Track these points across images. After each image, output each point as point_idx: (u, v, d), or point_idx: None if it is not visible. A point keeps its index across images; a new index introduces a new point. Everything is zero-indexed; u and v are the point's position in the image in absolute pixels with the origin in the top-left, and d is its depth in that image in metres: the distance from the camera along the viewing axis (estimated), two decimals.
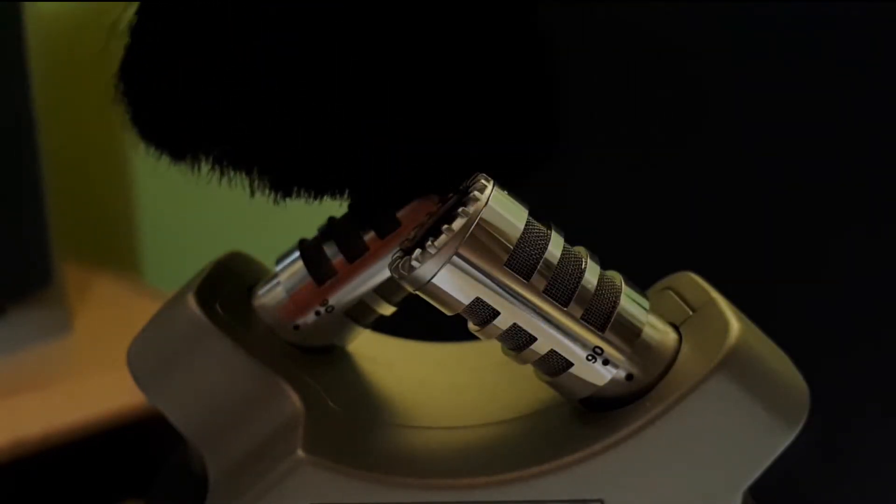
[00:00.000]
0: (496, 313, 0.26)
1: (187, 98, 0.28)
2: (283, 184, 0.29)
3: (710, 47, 0.54)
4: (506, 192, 0.26)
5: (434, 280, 0.26)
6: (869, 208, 0.53)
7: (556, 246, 0.26)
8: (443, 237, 0.26)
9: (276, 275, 0.31)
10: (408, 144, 0.28)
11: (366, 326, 0.32)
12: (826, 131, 0.53)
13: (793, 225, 0.54)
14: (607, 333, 0.27)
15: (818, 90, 0.52)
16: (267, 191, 0.29)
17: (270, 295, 0.31)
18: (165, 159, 0.29)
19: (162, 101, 0.29)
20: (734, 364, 0.27)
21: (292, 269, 0.31)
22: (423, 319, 0.30)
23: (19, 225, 0.76)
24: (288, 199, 0.29)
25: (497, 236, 0.26)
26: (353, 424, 0.29)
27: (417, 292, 0.26)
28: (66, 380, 0.77)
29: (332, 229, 0.31)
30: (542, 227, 0.27)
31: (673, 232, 0.56)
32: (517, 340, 0.27)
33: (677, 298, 0.30)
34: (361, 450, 0.28)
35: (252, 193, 0.29)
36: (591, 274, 0.27)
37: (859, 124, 0.52)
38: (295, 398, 0.29)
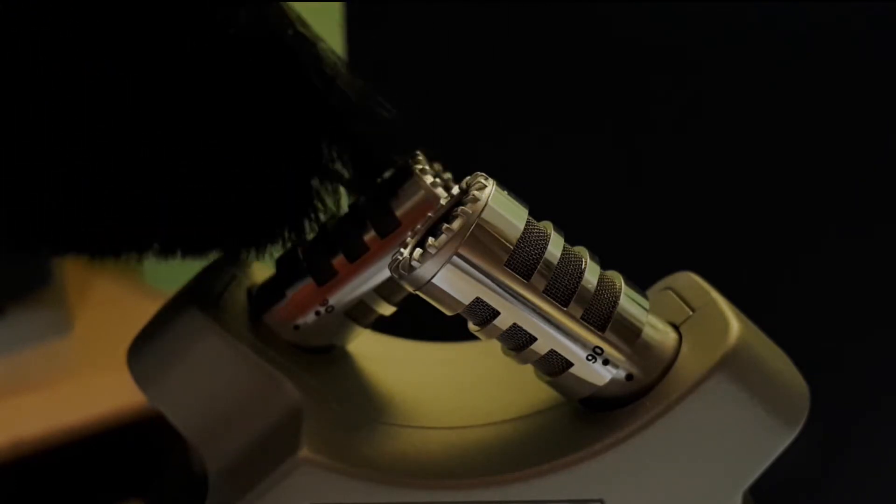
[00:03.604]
0: (496, 313, 0.26)
1: None
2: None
3: (711, 47, 0.54)
4: (506, 192, 0.26)
5: (434, 280, 0.26)
6: (869, 208, 0.53)
7: (556, 246, 0.26)
8: (443, 237, 0.26)
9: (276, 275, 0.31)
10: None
11: (366, 326, 0.32)
12: (827, 131, 0.53)
13: (793, 225, 0.54)
14: (607, 333, 0.27)
15: (818, 90, 0.52)
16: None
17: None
18: None
19: None
20: (734, 364, 0.27)
21: (292, 269, 0.31)
22: (422, 319, 0.30)
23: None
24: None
25: (497, 236, 0.26)
26: (353, 424, 0.29)
27: (417, 292, 0.26)
28: (66, 380, 0.77)
29: (332, 229, 0.31)
30: (542, 227, 0.27)
31: (673, 232, 0.56)
32: (517, 340, 0.27)
33: (677, 298, 0.30)
34: (362, 450, 0.28)
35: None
36: (591, 274, 0.27)
37: (860, 124, 0.52)
38: (295, 398, 0.29)
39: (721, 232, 0.55)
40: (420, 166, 0.30)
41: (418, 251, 0.26)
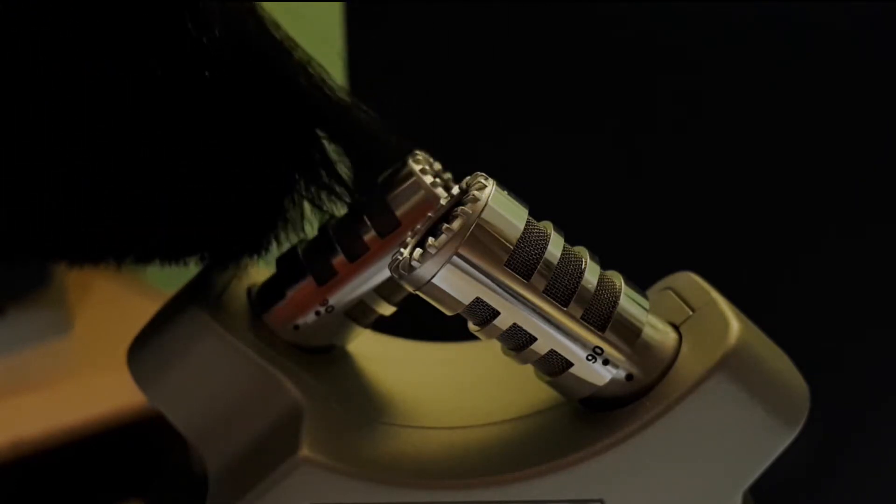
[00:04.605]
0: (496, 313, 0.26)
1: None
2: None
3: (711, 47, 0.54)
4: (506, 192, 0.26)
5: (434, 280, 0.26)
6: (869, 208, 0.53)
7: (556, 246, 0.26)
8: (443, 237, 0.25)
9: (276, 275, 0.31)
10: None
11: (366, 326, 0.32)
12: (827, 131, 0.53)
13: (793, 225, 0.54)
14: (607, 333, 0.27)
15: (818, 90, 0.52)
16: None
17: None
18: None
19: None
20: (734, 364, 0.27)
21: (292, 269, 0.31)
22: (422, 319, 0.30)
23: None
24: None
25: (497, 236, 0.26)
26: (353, 424, 0.29)
27: (417, 292, 0.26)
28: (66, 380, 0.77)
29: (332, 229, 0.31)
30: (542, 227, 0.27)
31: (673, 232, 0.56)
32: (517, 340, 0.27)
33: (677, 298, 0.30)
34: (362, 450, 0.28)
35: None
36: (591, 274, 0.27)
37: (860, 124, 0.52)
38: (295, 398, 0.29)
39: (721, 232, 0.55)
40: (420, 166, 0.30)
41: (418, 251, 0.26)
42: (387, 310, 0.31)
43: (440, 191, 0.29)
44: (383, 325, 0.32)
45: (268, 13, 0.29)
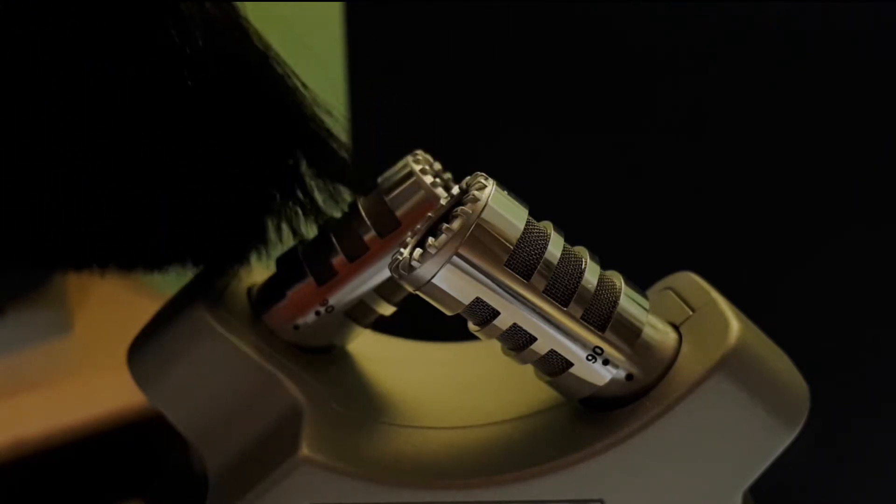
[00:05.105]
0: (496, 313, 0.26)
1: None
2: None
3: (711, 47, 0.54)
4: (505, 192, 0.26)
5: (434, 280, 0.26)
6: (869, 208, 0.53)
7: (556, 246, 0.26)
8: (442, 237, 0.25)
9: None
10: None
11: (366, 326, 0.32)
12: (827, 131, 0.53)
13: (793, 225, 0.54)
14: (607, 333, 0.27)
15: (818, 90, 0.52)
16: None
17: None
18: None
19: None
20: (734, 364, 0.27)
21: (292, 269, 0.31)
22: (422, 319, 0.30)
23: None
24: None
25: (497, 236, 0.26)
26: (353, 424, 0.29)
27: (417, 292, 0.26)
28: (66, 380, 0.77)
29: (332, 229, 0.31)
30: (542, 227, 0.27)
31: (673, 232, 0.56)
32: (517, 340, 0.27)
33: (677, 298, 0.30)
34: (362, 450, 0.28)
35: None
36: (591, 274, 0.27)
37: (860, 124, 0.52)
38: (296, 398, 0.29)
39: (721, 232, 0.55)
40: (420, 166, 0.30)
41: (418, 251, 0.26)
42: (387, 310, 0.31)
43: (440, 191, 0.29)
44: (383, 325, 0.32)
45: (253, 25, 0.29)
